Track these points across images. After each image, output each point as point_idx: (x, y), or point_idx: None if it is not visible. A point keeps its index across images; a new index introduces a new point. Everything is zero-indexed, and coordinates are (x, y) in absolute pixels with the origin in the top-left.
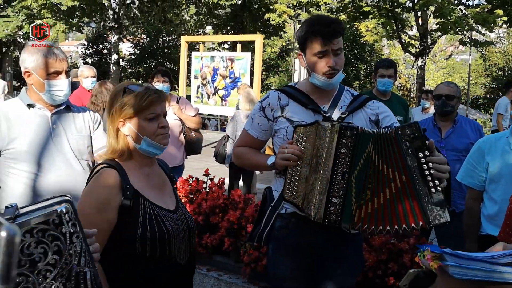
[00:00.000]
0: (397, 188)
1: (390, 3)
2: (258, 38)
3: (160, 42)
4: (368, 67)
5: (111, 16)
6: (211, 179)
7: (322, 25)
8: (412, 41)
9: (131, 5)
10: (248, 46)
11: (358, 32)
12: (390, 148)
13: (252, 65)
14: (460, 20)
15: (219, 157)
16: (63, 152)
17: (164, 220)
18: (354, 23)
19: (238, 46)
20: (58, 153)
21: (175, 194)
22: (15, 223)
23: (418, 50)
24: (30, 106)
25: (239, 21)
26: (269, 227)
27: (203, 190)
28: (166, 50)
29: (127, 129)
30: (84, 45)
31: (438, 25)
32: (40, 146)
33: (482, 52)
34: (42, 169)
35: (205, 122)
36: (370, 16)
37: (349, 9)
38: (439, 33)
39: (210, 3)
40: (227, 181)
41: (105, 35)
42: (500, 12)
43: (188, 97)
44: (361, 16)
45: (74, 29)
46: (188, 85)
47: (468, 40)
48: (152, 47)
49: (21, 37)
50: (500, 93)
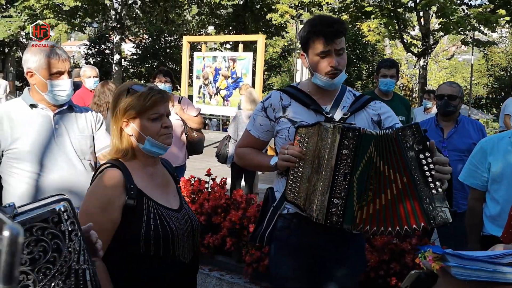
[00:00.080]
0: (398, 189)
1: (392, 3)
2: (260, 38)
3: (162, 42)
4: (370, 67)
5: (113, 16)
6: (213, 179)
7: (325, 25)
8: (414, 41)
9: (133, 5)
10: (250, 46)
11: (360, 32)
12: (391, 149)
13: (254, 65)
14: (463, 20)
15: (221, 157)
16: (66, 152)
17: (168, 219)
18: (356, 23)
19: (240, 46)
20: (60, 153)
21: (179, 194)
22: (15, 222)
23: (420, 50)
24: (32, 106)
25: (241, 21)
26: (271, 227)
27: (205, 190)
28: (168, 50)
29: (130, 129)
30: (86, 45)
31: (440, 25)
32: (42, 146)
33: (485, 52)
34: (45, 169)
35: (206, 122)
36: (372, 16)
37: (351, 9)
38: (441, 33)
39: (212, 3)
40: (229, 181)
41: (107, 35)
42: (503, 12)
43: (190, 97)
44: (363, 16)
45: (76, 29)
46: (190, 85)
47: (470, 40)
48: (154, 47)
49: (24, 37)
50: (503, 93)
